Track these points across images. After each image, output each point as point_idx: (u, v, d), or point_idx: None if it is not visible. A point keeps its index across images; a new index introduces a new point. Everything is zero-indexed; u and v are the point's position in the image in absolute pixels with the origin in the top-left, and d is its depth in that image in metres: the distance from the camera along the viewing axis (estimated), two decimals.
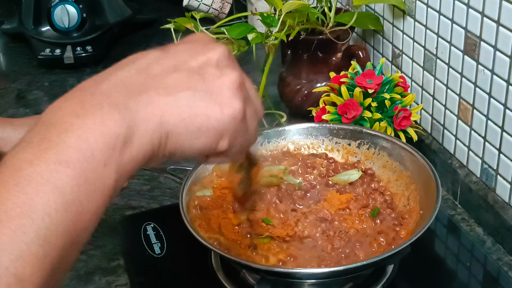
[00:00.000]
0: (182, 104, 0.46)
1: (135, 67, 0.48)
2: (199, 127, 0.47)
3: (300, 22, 1.03)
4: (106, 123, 0.43)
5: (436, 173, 0.79)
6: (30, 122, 0.78)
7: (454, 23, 0.90)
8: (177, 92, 0.46)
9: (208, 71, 0.49)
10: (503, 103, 0.83)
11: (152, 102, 0.45)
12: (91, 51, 1.43)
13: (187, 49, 0.50)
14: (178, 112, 0.46)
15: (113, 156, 0.43)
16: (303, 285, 0.77)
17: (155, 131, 0.45)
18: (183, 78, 0.47)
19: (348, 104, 0.95)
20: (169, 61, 0.49)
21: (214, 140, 0.49)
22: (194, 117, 0.47)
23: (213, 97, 0.48)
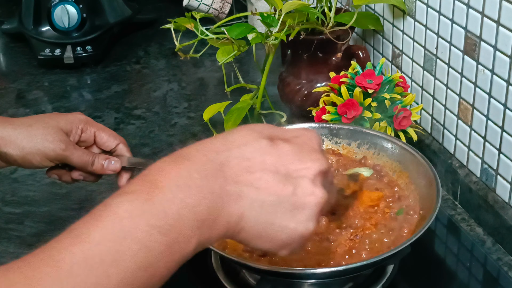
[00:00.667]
0: (265, 210, 0.51)
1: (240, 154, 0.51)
2: (269, 235, 0.52)
3: (300, 22, 1.03)
4: (200, 206, 0.48)
5: (436, 173, 0.79)
6: (30, 121, 0.78)
7: (454, 23, 0.90)
8: (266, 195, 0.51)
9: (302, 184, 0.52)
10: (503, 103, 0.83)
11: (241, 198, 0.50)
12: (91, 51, 1.43)
13: (293, 152, 0.53)
14: (258, 216, 0.51)
15: (196, 235, 0.48)
16: (303, 285, 0.77)
17: (233, 224, 0.50)
18: (276, 183, 0.51)
19: (348, 104, 0.95)
20: (272, 159, 0.52)
21: (277, 248, 0.53)
22: (269, 226, 0.51)
23: (294, 213, 0.51)
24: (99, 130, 0.82)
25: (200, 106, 1.26)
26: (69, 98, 1.34)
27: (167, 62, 1.47)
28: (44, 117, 0.80)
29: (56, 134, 0.77)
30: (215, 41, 1.03)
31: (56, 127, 0.78)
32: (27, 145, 0.76)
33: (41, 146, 0.77)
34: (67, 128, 0.79)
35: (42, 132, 0.77)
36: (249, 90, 1.15)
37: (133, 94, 1.34)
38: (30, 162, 0.77)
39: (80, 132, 0.80)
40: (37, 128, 0.77)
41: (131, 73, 1.43)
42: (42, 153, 0.77)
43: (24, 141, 0.76)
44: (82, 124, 0.81)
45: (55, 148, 0.77)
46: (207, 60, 1.43)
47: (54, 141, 0.77)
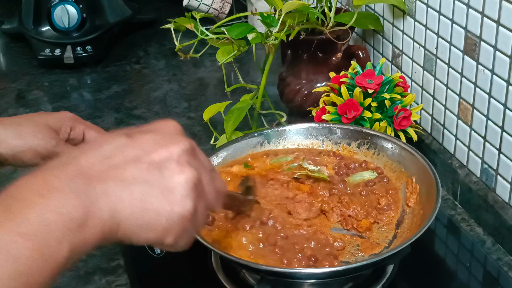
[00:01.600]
0: (136, 198, 0.49)
1: (100, 154, 0.50)
2: (148, 222, 0.50)
3: (300, 22, 1.03)
4: (65, 206, 0.46)
5: (436, 173, 0.79)
6: (19, 120, 0.78)
7: (454, 23, 0.90)
8: (133, 185, 0.49)
9: (168, 166, 0.51)
10: (503, 103, 0.83)
11: (108, 193, 0.48)
12: (91, 51, 1.44)
13: (152, 141, 0.52)
14: (131, 206, 0.49)
15: (67, 236, 0.46)
16: (303, 285, 0.77)
17: (107, 221, 0.48)
18: (142, 171, 0.50)
19: (348, 104, 0.95)
20: (133, 151, 0.51)
21: (161, 236, 0.51)
22: (145, 213, 0.50)
23: (166, 194, 0.50)
24: (87, 127, 0.82)
25: (200, 106, 1.26)
26: (69, 98, 1.34)
27: (167, 62, 1.47)
28: (33, 116, 0.80)
29: (46, 132, 0.78)
30: (215, 41, 1.03)
31: (46, 125, 0.78)
32: (17, 143, 0.76)
33: (32, 144, 0.77)
34: (56, 126, 0.79)
35: (32, 131, 0.77)
36: (249, 90, 1.15)
37: (133, 94, 1.34)
38: (21, 160, 0.77)
39: (69, 130, 0.81)
40: (27, 127, 0.77)
41: (131, 73, 1.43)
42: (33, 151, 0.77)
43: (15, 140, 0.76)
44: (71, 122, 0.81)
45: (46, 145, 0.77)
46: (207, 60, 1.43)
47: (44, 138, 0.77)
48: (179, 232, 0.52)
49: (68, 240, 0.46)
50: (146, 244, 0.53)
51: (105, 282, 0.84)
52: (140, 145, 0.52)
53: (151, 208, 0.50)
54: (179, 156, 0.52)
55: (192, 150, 0.54)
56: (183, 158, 0.52)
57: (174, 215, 0.51)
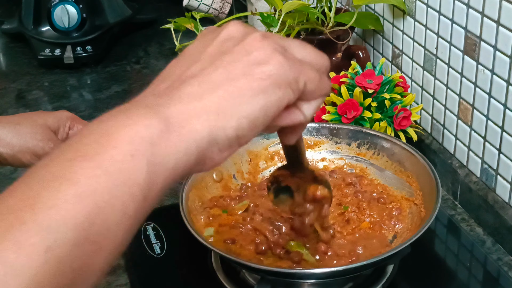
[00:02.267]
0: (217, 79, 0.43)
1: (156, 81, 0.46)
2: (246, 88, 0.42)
3: (300, 22, 1.03)
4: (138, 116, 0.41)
5: (436, 173, 0.79)
6: (18, 120, 0.78)
7: (454, 23, 0.90)
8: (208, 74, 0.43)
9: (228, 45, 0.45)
10: (503, 103, 0.83)
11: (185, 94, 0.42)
12: (91, 51, 1.43)
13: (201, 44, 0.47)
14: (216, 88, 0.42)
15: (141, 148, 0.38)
16: (303, 285, 0.77)
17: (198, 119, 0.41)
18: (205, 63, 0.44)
19: (348, 104, 0.95)
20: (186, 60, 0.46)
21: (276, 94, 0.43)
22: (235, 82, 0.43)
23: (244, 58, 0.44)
24: (85, 126, 0.82)
25: None
26: (69, 98, 1.34)
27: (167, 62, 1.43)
28: (32, 115, 0.80)
29: (45, 132, 0.78)
30: None
31: (44, 126, 0.78)
32: (16, 143, 0.76)
33: (31, 145, 0.77)
34: (55, 126, 0.79)
35: (30, 131, 0.77)
36: None
37: (133, 94, 1.33)
38: (20, 161, 0.77)
39: (67, 130, 0.81)
40: (26, 126, 0.77)
41: (131, 73, 1.43)
42: (32, 151, 0.77)
43: (14, 140, 0.76)
44: (69, 121, 0.81)
45: (44, 146, 0.77)
46: None
47: (42, 139, 0.77)
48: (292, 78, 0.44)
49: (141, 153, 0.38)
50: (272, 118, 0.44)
51: (105, 282, 0.84)
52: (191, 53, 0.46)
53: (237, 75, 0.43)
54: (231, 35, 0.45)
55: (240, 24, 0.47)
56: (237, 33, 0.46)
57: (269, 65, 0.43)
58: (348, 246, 0.77)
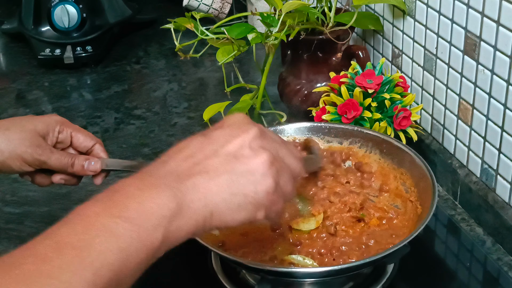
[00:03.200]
0: (223, 186, 0.56)
1: (183, 156, 0.57)
2: (238, 204, 0.56)
3: (300, 22, 1.03)
4: (161, 197, 0.52)
5: (430, 169, 0.80)
6: (7, 125, 0.77)
7: (454, 23, 0.90)
8: (218, 176, 0.56)
9: (243, 153, 0.57)
10: (503, 103, 0.83)
11: (197, 186, 0.55)
12: (91, 51, 1.43)
13: (225, 134, 0.59)
14: (219, 194, 0.55)
15: (163, 223, 0.52)
16: (303, 284, 0.77)
17: (200, 211, 0.54)
18: (222, 162, 0.57)
19: (348, 104, 0.95)
20: (210, 146, 0.58)
21: (252, 213, 0.57)
22: (233, 197, 0.56)
23: (248, 177, 0.57)
24: (75, 131, 0.82)
25: (200, 106, 1.26)
26: (69, 98, 1.34)
27: (167, 62, 1.47)
28: (21, 120, 0.79)
29: (33, 138, 0.77)
30: (215, 41, 1.03)
31: (33, 131, 0.77)
32: (5, 149, 0.76)
33: (19, 151, 0.76)
34: (44, 131, 0.79)
35: (19, 136, 0.76)
36: (249, 90, 1.15)
37: (133, 94, 1.34)
38: (9, 167, 0.77)
39: (57, 134, 0.80)
40: (15, 132, 0.76)
41: (131, 73, 1.43)
42: (20, 158, 0.76)
43: (3, 145, 0.76)
44: (59, 126, 0.80)
45: (32, 153, 0.76)
46: (207, 60, 1.43)
47: (31, 146, 0.76)
48: (267, 206, 0.58)
49: (163, 227, 0.52)
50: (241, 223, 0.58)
51: None
52: (215, 140, 0.58)
53: (237, 191, 0.56)
54: (251, 142, 0.58)
55: (262, 133, 0.60)
56: (254, 143, 0.58)
57: (259, 192, 0.57)
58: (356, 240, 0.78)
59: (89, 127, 1.21)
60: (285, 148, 0.62)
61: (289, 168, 0.61)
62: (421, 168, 0.81)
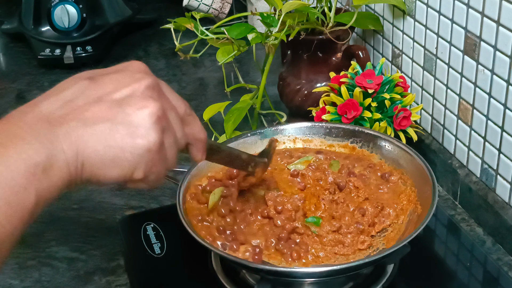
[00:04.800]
0: (98, 136, 0.50)
1: (61, 99, 0.51)
2: (112, 158, 0.50)
3: (300, 22, 1.03)
4: (27, 152, 0.47)
5: (431, 169, 0.79)
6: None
7: (454, 23, 0.90)
8: (95, 124, 0.50)
9: (130, 102, 0.51)
10: (503, 103, 0.83)
11: (70, 133, 0.49)
12: (91, 51, 1.43)
13: (114, 80, 0.52)
14: (94, 144, 0.49)
15: (33, 181, 0.46)
16: (303, 284, 0.77)
17: (72, 161, 0.49)
18: (103, 110, 0.50)
19: (348, 104, 0.95)
20: (94, 92, 0.51)
21: (128, 171, 0.51)
22: (108, 149, 0.50)
23: (129, 129, 0.50)
24: None
25: (200, 106, 1.25)
26: None
27: (167, 62, 1.47)
28: None
29: None
30: (215, 41, 1.03)
31: None
32: None
33: None
34: None
35: None
36: (249, 90, 1.15)
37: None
38: None
39: None
40: None
41: None
42: None
43: None
44: None
45: None
46: (207, 60, 1.43)
47: None
48: (147, 166, 0.52)
49: (34, 186, 0.46)
50: (114, 182, 0.52)
51: (105, 282, 0.84)
52: (102, 86, 0.52)
53: (114, 144, 0.50)
54: (142, 92, 0.52)
55: (156, 86, 0.53)
56: (145, 93, 0.52)
57: (139, 148, 0.51)
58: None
59: None
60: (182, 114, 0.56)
61: (175, 133, 0.55)
62: (421, 168, 0.81)
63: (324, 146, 0.91)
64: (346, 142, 0.91)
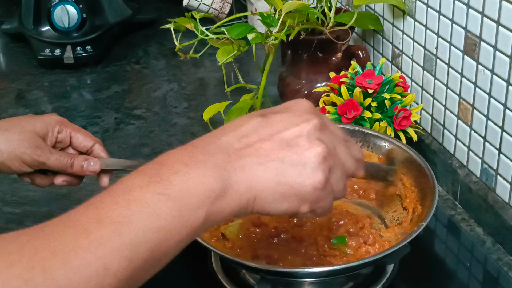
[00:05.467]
0: (270, 172, 0.54)
1: (238, 134, 0.56)
2: (282, 194, 0.55)
3: (300, 22, 1.03)
4: (206, 176, 0.52)
5: (431, 170, 0.79)
6: (6, 125, 0.77)
7: (454, 23, 0.90)
8: (267, 161, 0.54)
9: (299, 142, 0.55)
10: (503, 103, 0.83)
11: (245, 168, 0.54)
12: (91, 51, 1.44)
13: (284, 119, 0.57)
14: (265, 180, 0.54)
15: (206, 203, 0.51)
16: (303, 284, 0.77)
17: (244, 194, 0.53)
18: (275, 148, 0.55)
19: (348, 104, 0.95)
20: (266, 130, 0.56)
21: (295, 205, 0.56)
22: (278, 185, 0.54)
23: (298, 168, 0.55)
24: (74, 130, 0.82)
25: (200, 106, 1.26)
26: (69, 98, 1.34)
27: (167, 62, 1.47)
28: (20, 121, 0.79)
29: (32, 139, 0.77)
30: (215, 41, 1.03)
31: (33, 132, 0.77)
32: (5, 150, 0.76)
33: (18, 152, 0.76)
34: (43, 132, 0.79)
35: (18, 137, 0.76)
36: (249, 90, 1.15)
37: (133, 94, 1.34)
38: (8, 168, 0.77)
39: (56, 134, 0.80)
40: (14, 133, 0.76)
41: (131, 73, 1.43)
42: (20, 159, 0.76)
43: (2, 146, 0.76)
44: (58, 126, 0.80)
45: (31, 154, 0.77)
46: (207, 60, 1.43)
47: (29, 147, 0.76)
48: (313, 202, 0.56)
49: (206, 207, 0.51)
50: (283, 214, 0.57)
51: None
52: (273, 125, 0.56)
53: (284, 181, 0.54)
54: (309, 133, 0.56)
55: (322, 125, 0.57)
56: (312, 134, 0.56)
57: (306, 186, 0.55)
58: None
59: (89, 127, 1.21)
60: (344, 144, 0.60)
61: (344, 166, 0.59)
62: (421, 168, 0.81)
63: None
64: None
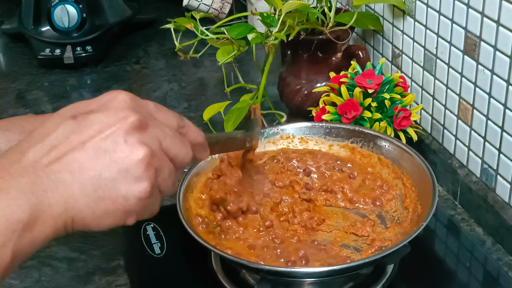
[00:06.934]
0: (87, 188, 0.47)
1: (46, 144, 0.48)
2: (104, 210, 0.48)
3: (300, 22, 1.03)
4: (10, 207, 0.44)
5: (431, 169, 0.79)
6: (7, 125, 0.76)
7: (454, 23, 0.90)
8: (82, 175, 0.47)
9: (116, 148, 0.49)
10: (503, 103, 0.83)
11: (58, 187, 0.47)
12: (91, 51, 1.43)
13: (98, 120, 0.50)
14: (84, 197, 0.47)
15: (12, 238, 0.44)
16: (303, 284, 0.77)
17: (59, 217, 0.47)
18: (89, 158, 0.48)
19: (348, 104, 0.95)
20: (78, 136, 0.49)
21: (121, 219, 0.50)
22: (99, 202, 0.48)
23: (119, 180, 0.48)
24: None
25: (200, 106, 1.26)
26: (69, 98, 1.34)
27: (167, 62, 1.47)
28: (21, 121, 0.79)
29: None
30: (215, 41, 1.03)
31: None
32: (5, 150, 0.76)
33: None
34: None
35: (18, 138, 0.76)
36: (249, 90, 1.15)
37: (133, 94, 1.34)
38: None
39: None
40: (14, 133, 0.76)
41: (131, 73, 1.43)
42: None
43: (2, 146, 0.75)
44: None
45: None
46: (207, 60, 1.43)
47: None
48: (139, 212, 0.51)
49: (13, 243, 0.44)
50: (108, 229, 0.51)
51: (105, 282, 0.84)
52: (85, 129, 0.49)
53: (105, 196, 0.48)
54: (127, 134, 0.49)
55: (142, 122, 0.50)
56: (132, 136, 0.49)
57: (130, 199, 0.49)
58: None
59: None
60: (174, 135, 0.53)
61: (176, 160, 0.53)
62: (421, 168, 0.81)
63: (324, 146, 0.91)
64: (346, 142, 0.91)
